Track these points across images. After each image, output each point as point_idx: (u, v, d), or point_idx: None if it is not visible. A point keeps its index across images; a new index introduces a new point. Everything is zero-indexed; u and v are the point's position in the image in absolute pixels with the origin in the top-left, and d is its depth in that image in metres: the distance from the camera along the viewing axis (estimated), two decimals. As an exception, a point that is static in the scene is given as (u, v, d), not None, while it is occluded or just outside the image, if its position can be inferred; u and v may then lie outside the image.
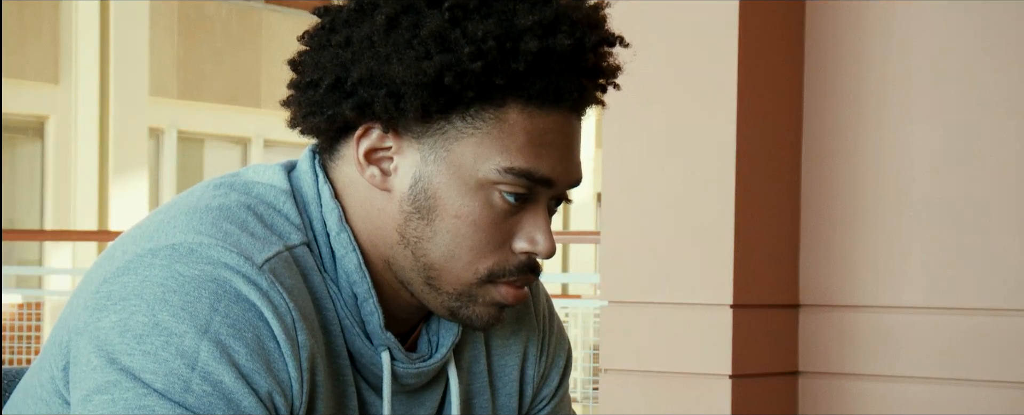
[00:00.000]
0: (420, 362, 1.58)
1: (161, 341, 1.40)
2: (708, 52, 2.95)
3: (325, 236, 1.53)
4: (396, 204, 1.52)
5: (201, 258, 1.44)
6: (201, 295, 1.42)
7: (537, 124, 1.50)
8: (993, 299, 2.90)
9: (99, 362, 1.41)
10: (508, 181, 1.50)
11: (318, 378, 1.48)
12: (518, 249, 1.53)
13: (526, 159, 1.50)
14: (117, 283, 1.44)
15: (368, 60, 1.49)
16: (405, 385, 1.58)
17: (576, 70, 1.52)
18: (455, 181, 1.50)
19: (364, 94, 1.49)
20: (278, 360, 1.44)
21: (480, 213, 1.50)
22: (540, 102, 1.50)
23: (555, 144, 1.51)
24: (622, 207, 3.03)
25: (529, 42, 1.48)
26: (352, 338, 1.53)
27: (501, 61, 1.47)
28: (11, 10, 13.64)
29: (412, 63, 1.47)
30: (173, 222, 1.49)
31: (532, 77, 1.49)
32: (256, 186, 1.55)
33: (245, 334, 1.42)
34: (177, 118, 15.31)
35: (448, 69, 1.47)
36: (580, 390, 8.21)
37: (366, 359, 1.54)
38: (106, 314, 1.43)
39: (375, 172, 1.52)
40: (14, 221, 13.97)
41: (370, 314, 1.53)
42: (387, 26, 1.50)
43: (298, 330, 1.46)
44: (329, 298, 1.52)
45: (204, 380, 1.40)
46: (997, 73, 2.91)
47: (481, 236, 1.51)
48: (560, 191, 1.54)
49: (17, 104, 13.71)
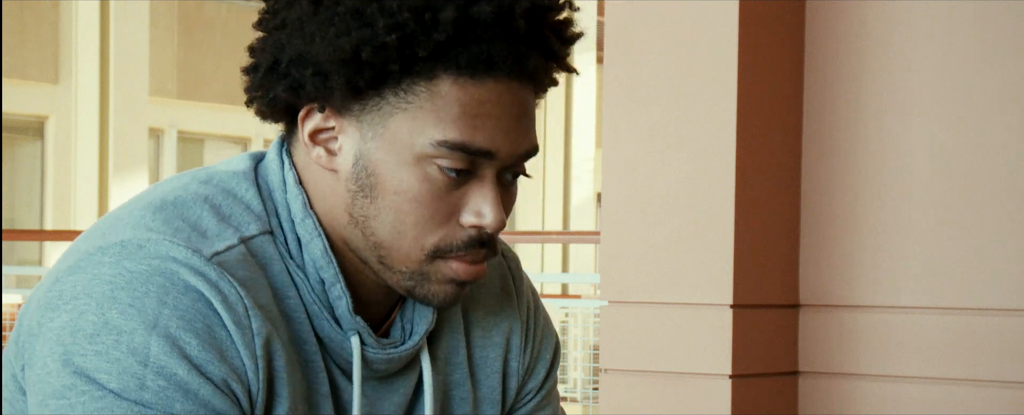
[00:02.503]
0: (391, 348, 1.57)
1: (112, 340, 1.40)
2: (708, 52, 2.95)
3: (290, 223, 1.53)
4: (342, 183, 1.52)
5: (149, 253, 1.44)
6: (149, 290, 1.42)
7: (471, 95, 1.48)
8: (993, 299, 2.90)
9: (54, 365, 1.41)
10: (443, 154, 1.48)
11: (277, 364, 1.48)
12: (465, 222, 1.51)
13: (460, 131, 1.48)
14: (68, 282, 1.44)
15: (297, 41, 1.50)
16: (376, 371, 1.57)
17: (507, 36, 1.48)
18: (392, 157, 1.49)
19: (296, 74, 1.50)
20: (230, 348, 1.44)
21: (420, 188, 1.49)
22: (471, 72, 1.47)
23: (493, 115, 1.49)
24: (622, 207, 3.03)
25: (446, 11, 1.46)
26: (321, 323, 1.53)
27: (422, 32, 1.46)
28: (11, 10, 13.63)
29: (332, 40, 1.47)
30: (126, 219, 1.49)
31: (457, 46, 1.47)
32: (218, 175, 1.55)
33: (195, 324, 1.42)
34: (177, 118, 15.31)
35: (365, 43, 1.46)
36: (580, 390, 8.21)
37: (336, 344, 1.54)
38: (57, 314, 1.43)
39: (321, 152, 1.52)
40: (14, 221, 13.97)
41: (338, 298, 1.52)
42: (313, 5, 1.49)
43: (252, 317, 1.45)
44: (293, 285, 1.52)
45: (158, 375, 1.40)
46: (997, 73, 2.91)
47: (424, 211, 1.49)
48: (506, 163, 1.51)
49: (17, 104, 13.71)
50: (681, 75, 2.98)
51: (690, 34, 2.97)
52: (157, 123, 15.05)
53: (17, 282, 11.57)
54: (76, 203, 14.25)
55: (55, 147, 14.23)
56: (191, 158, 15.65)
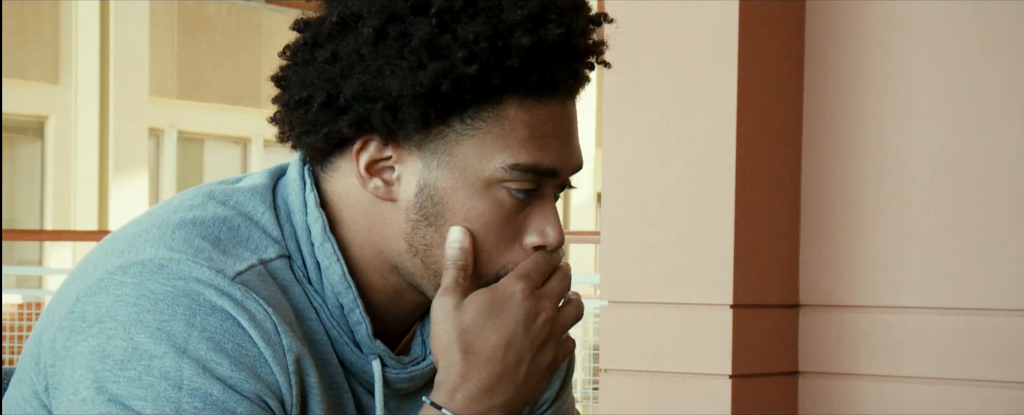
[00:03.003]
0: (412, 366, 1.57)
1: (144, 365, 1.40)
2: (708, 52, 2.95)
3: (309, 246, 1.51)
4: (402, 213, 1.50)
5: (172, 274, 1.42)
6: (176, 312, 1.41)
7: (536, 116, 1.48)
8: (993, 299, 2.90)
9: (87, 392, 1.40)
10: (515, 177, 1.48)
11: (309, 381, 1.47)
12: (528, 244, 1.51)
13: (530, 153, 1.48)
14: (90, 303, 1.43)
15: (359, 74, 1.47)
16: (399, 390, 1.57)
17: (568, 56, 1.50)
18: (461, 184, 1.48)
19: (360, 109, 1.47)
20: (263, 366, 1.43)
21: (490, 213, 1.49)
22: (537, 94, 1.48)
23: (555, 133, 1.50)
24: (622, 207, 3.03)
25: (521, 37, 1.46)
26: (342, 348, 1.52)
27: (495, 60, 1.46)
28: (11, 10, 13.63)
29: (406, 74, 1.45)
30: (144, 235, 1.48)
31: (527, 71, 1.47)
32: (236, 194, 1.53)
33: (225, 345, 1.41)
34: (177, 118, 15.31)
35: (444, 76, 1.45)
36: (580, 390, 8.21)
37: (357, 367, 1.53)
38: (83, 338, 1.42)
39: (378, 184, 1.50)
40: (14, 221, 13.97)
41: (357, 324, 1.52)
42: (375, 38, 1.47)
43: (282, 334, 1.44)
44: (312, 309, 1.51)
45: (193, 397, 1.40)
46: (997, 73, 2.91)
47: (492, 236, 1.49)
48: (564, 179, 1.53)
49: (17, 104, 13.71)
50: (681, 75, 2.98)
51: (690, 34, 2.97)
52: (157, 123, 15.05)
53: (17, 282, 11.57)
54: (76, 203, 14.25)
55: (55, 147, 14.23)
56: (191, 158, 15.65)
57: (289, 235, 1.52)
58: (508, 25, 1.46)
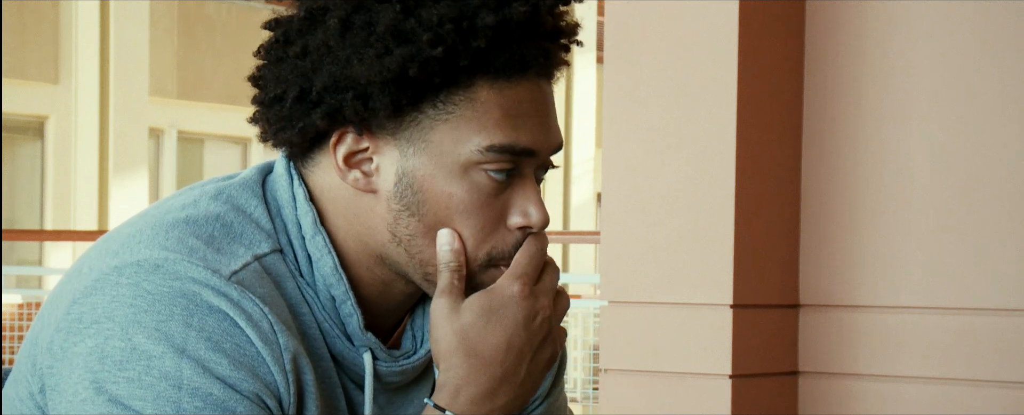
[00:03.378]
0: (403, 359, 1.57)
1: (143, 366, 1.40)
2: (708, 52, 2.95)
3: (300, 240, 1.52)
4: (384, 204, 1.51)
5: (168, 274, 1.43)
6: (173, 312, 1.41)
7: (508, 97, 1.49)
8: (993, 299, 2.90)
9: (86, 393, 1.41)
10: (491, 159, 1.48)
11: (305, 378, 1.48)
12: (513, 225, 1.51)
13: (505, 134, 1.48)
14: (86, 304, 1.43)
15: (329, 66, 1.48)
16: (389, 383, 1.57)
17: (536, 35, 1.50)
18: (439, 170, 1.49)
19: (332, 101, 1.48)
20: (261, 365, 1.43)
21: (470, 197, 1.49)
22: (507, 74, 1.48)
23: (530, 113, 1.50)
24: (622, 207, 3.03)
25: (486, 17, 1.46)
26: (334, 341, 1.52)
27: (461, 42, 1.46)
28: (11, 10, 13.63)
29: (374, 61, 1.46)
30: (139, 236, 1.48)
31: (495, 51, 1.47)
32: (228, 190, 1.53)
33: (223, 345, 1.42)
34: (177, 118, 15.30)
35: (411, 60, 1.45)
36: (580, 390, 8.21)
37: (348, 361, 1.54)
38: (81, 339, 1.42)
39: (357, 175, 1.51)
40: (14, 221, 13.97)
41: (349, 316, 1.52)
42: (341, 28, 1.48)
43: (278, 333, 1.45)
44: (305, 303, 1.51)
45: (193, 397, 1.40)
46: (997, 73, 2.91)
47: (474, 221, 1.50)
48: (543, 159, 1.53)
49: (17, 104, 13.71)
50: (681, 75, 2.98)
51: (690, 34, 2.97)
52: (157, 123, 15.05)
53: (17, 282, 11.58)
54: (76, 203, 14.24)
55: (55, 147, 14.23)
56: (191, 158, 15.65)
57: (280, 229, 1.52)
58: (473, 6, 1.47)
